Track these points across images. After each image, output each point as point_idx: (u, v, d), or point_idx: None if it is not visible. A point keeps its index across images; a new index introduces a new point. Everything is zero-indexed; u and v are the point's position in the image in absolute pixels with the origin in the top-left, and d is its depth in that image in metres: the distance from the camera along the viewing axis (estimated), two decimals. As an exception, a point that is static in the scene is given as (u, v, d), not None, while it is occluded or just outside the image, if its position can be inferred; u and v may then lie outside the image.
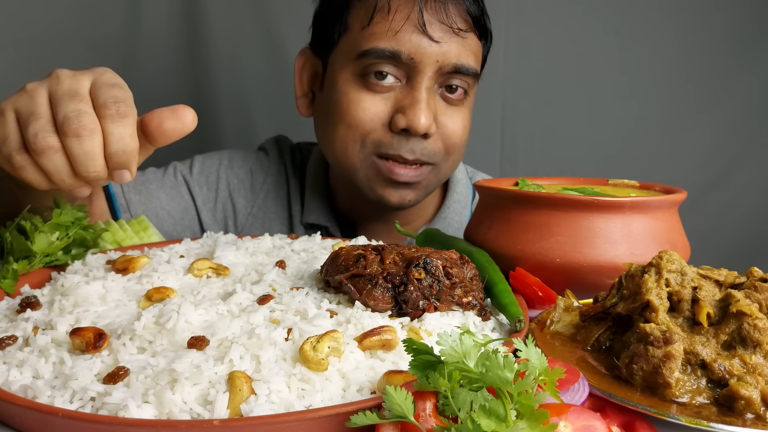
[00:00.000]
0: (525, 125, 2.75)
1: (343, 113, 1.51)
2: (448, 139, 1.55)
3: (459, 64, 1.48)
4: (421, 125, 1.45)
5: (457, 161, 1.66)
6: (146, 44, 2.49)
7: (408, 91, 1.48)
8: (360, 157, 1.54)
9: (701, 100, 2.71)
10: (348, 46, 1.52)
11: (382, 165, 1.53)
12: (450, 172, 1.67)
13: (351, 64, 1.51)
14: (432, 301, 0.93)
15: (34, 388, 0.74)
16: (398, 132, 1.49)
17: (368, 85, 1.49)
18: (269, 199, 1.84)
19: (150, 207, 1.74)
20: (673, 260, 0.88)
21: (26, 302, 0.95)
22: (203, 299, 0.95)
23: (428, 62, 1.46)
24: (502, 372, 0.60)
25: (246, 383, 0.71)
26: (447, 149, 1.57)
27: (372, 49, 1.46)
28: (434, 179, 1.61)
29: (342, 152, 1.56)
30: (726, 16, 2.65)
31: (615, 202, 1.09)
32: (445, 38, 1.46)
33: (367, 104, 1.49)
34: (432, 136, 1.52)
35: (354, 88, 1.51)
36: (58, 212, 1.16)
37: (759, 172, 2.74)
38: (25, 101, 0.92)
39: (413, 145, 1.50)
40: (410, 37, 1.44)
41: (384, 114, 1.50)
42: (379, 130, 1.50)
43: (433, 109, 1.50)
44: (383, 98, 1.50)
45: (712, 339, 0.80)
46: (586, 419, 0.62)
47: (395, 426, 0.62)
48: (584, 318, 0.95)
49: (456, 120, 1.55)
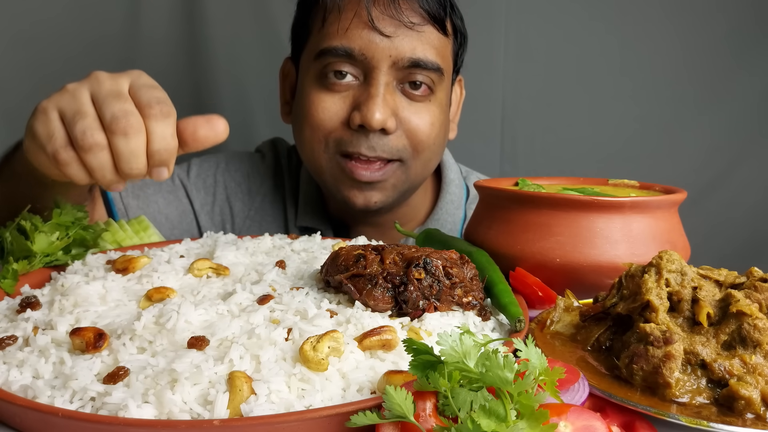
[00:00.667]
0: (525, 125, 2.75)
1: (306, 115, 1.54)
2: (413, 136, 1.54)
3: (415, 58, 1.48)
4: (375, 120, 1.45)
5: (431, 161, 1.63)
6: (145, 45, 2.49)
7: (365, 87, 1.49)
8: (326, 158, 1.55)
9: (701, 100, 2.71)
10: (309, 49, 1.55)
11: (345, 165, 1.53)
12: (424, 172, 1.64)
13: (312, 66, 1.53)
14: (432, 301, 0.93)
15: (34, 388, 0.74)
16: (356, 129, 1.49)
17: (328, 86, 1.51)
18: (266, 202, 1.84)
19: (148, 211, 1.74)
20: (673, 260, 0.88)
21: (26, 302, 0.95)
22: (203, 299, 0.95)
23: (381, 57, 1.46)
24: (502, 372, 0.60)
25: (246, 383, 0.71)
26: (414, 146, 1.55)
27: (326, 48, 1.48)
28: (403, 178, 1.59)
29: (309, 154, 1.58)
30: (726, 16, 2.65)
31: (615, 202, 1.09)
32: (397, 33, 1.46)
33: (327, 104, 1.51)
34: (394, 133, 1.51)
35: (315, 89, 1.53)
36: (58, 212, 1.16)
37: (759, 172, 2.74)
38: (68, 100, 0.94)
39: (373, 141, 1.50)
40: (360, 33, 1.45)
41: (343, 112, 1.51)
42: (339, 128, 1.51)
43: (392, 105, 1.49)
44: (342, 97, 1.51)
45: (712, 339, 0.80)
46: (586, 419, 0.62)
47: (395, 426, 0.62)
48: (584, 318, 0.95)
49: (422, 116, 1.53)
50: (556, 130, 2.75)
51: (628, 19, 2.67)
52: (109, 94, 0.94)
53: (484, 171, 1.98)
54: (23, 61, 2.32)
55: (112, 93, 0.94)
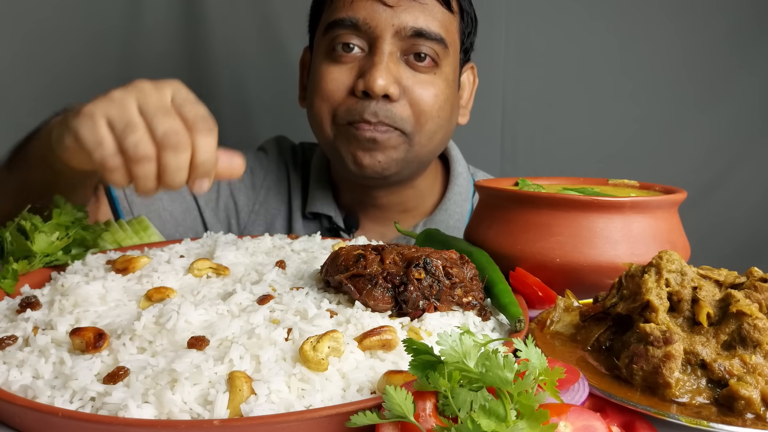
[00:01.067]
0: (525, 125, 2.75)
1: (316, 88, 1.59)
2: (416, 105, 1.56)
3: (417, 28, 1.52)
4: (377, 85, 1.48)
5: (437, 134, 1.64)
6: (145, 44, 2.48)
7: (369, 57, 1.54)
8: (335, 129, 1.59)
9: (701, 100, 2.71)
10: (320, 26, 1.61)
11: (351, 131, 1.57)
12: (429, 145, 1.65)
13: (322, 42, 1.59)
14: (432, 301, 0.93)
15: (34, 388, 0.74)
16: (361, 97, 1.53)
17: (336, 58, 1.56)
18: (270, 195, 1.86)
19: (152, 209, 1.74)
20: (673, 260, 0.88)
21: (26, 302, 0.95)
22: (203, 299, 0.95)
23: (384, 26, 1.51)
24: (502, 372, 0.60)
25: (246, 383, 0.71)
26: (417, 116, 1.57)
27: (334, 20, 1.54)
28: (406, 147, 1.60)
29: (320, 127, 1.61)
30: (726, 16, 2.64)
31: (615, 202, 1.09)
32: (401, 3, 1.51)
33: (334, 74, 1.56)
34: (398, 101, 1.54)
35: (324, 63, 1.58)
36: (58, 212, 1.16)
37: (759, 171, 2.74)
38: (117, 110, 0.97)
39: (376, 107, 1.52)
40: (365, 5, 1.51)
41: (349, 81, 1.55)
42: (346, 98, 1.56)
43: (395, 73, 1.53)
44: (348, 68, 1.56)
45: (712, 339, 0.80)
46: (586, 419, 0.62)
47: (395, 426, 0.62)
48: (584, 318, 0.95)
49: (426, 87, 1.56)
50: (557, 129, 2.75)
51: (628, 18, 2.67)
52: (157, 108, 0.97)
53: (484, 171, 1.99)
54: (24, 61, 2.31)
55: (160, 107, 0.97)
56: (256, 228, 1.82)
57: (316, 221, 1.81)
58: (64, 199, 1.19)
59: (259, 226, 1.83)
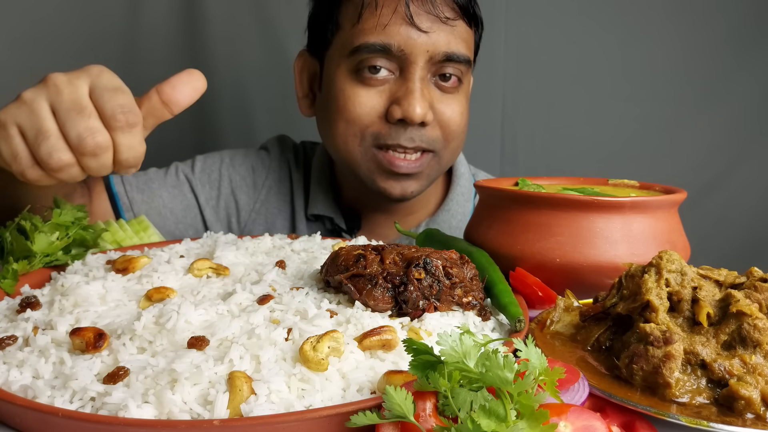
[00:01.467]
0: (525, 125, 2.76)
1: (341, 109, 1.55)
2: (446, 126, 1.58)
3: (450, 52, 1.51)
4: (416, 114, 1.48)
5: (458, 149, 1.68)
6: (145, 44, 2.49)
7: (402, 82, 1.52)
8: (360, 151, 1.57)
9: (701, 100, 2.71)
10: (341, 44, 1.56)
11: (382, 157, 1.56)
12: (452, 159, 1.69)
13: (345, 61, 1.54)
14: (432, 301, 0.93)
15: (34, 388, 0.74)
16: (395, 123, 1.52)
17: (363, 80, 1.53)
18: (271, 194, 1.86)
19: (153, 206, 1.75)
20: (673, 260, 0.88)
21: (26, 302, 0.95)
22: (203, 299, 0.95)
23: (419, 52, 1.49)
24: (502, 372, 0.60)
25: (246, 383, 0.71)
26: (446, 136, 1.59)
27: (363, 44, 1.49)
28: (436, 167, 1.63)
29: (343, 147, 1.59)
30: (726, 16, 2.65)
31: (615, 202, 1.09)
32: (433, 28, 1.49)
33: (363, 98, 1.53)
34: (430, 124, 1.55)
35: (350, 84, 1.54)
36: (58, 212, 1.16)
37: (759, 172, 2.74)
38: (26, 116, 0.92)
39: (411, 133, 1.53)
40: (399, 30, 1.48)
41: (380, 106, 1.53)
42: (377, 122, 1.54)
43: (428, 98, 1.53)
44: (378, 91, 1.53)
45: (712, 339, 0.80)
46: (586, 419, 0.62)
47: (395, 426, 0.62)
48: (584, 318, 0.95)
49: (453, 107, 1.58)
50: (556, 129, 2.76)
51: (628, 19, 2.67)
52: (70, 107, 0.91)
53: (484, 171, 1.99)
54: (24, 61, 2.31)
55: (74, 106, 0.91)
56: (257, 227, 1.82)
57: (318, 222, 1.81)
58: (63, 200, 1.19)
59: (259, 226, 1.83)
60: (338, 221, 1.78)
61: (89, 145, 0.90)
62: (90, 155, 0.91)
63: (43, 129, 0.91)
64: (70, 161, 0.92)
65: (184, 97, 0.99)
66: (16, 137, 0.92)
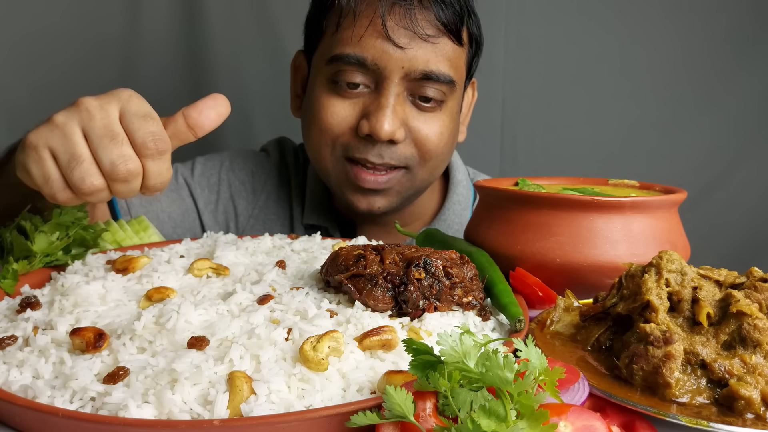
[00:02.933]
0: (525, 125, 2.75)
1: (315, 117, 1.53)
2: (422, 145, 1.53)
3: (428, 71, 1.46)
4: (383, 131, 1.44)
5: (437, 168, 1.63)
6: (146, 46, 2.49)
7: (375, 97, 1.48)
8: (332, 161, 1.56)
9: (701, 101, 2.71)
10: (322, 51, 1.54)
11: (350, 170, 1.54)
12: (430, 178, 1.64)
13: (324, 69, 1.52)
14: (432, 301, 0.93)
15: (34, 388, 0.74)
16: (363, 137, 1.49)
17: (339, 91, 1.50)
18: (270, 200, 1.84)
19: (150, 209, 1.74)
20: (673, 260, 0.88)
21: (26, 302, 0.95)
22: (203, 299, 0.95)
23: (393, 68, 1.44)
24: (502, 372, 0.60)
25: (246, 383, 0.71)
26: (422, 155, 1.55)
27: (338, 54, 1.46)
28: (408, 185, 1.59)
29: (317, 155, 1.58)
30: (726, 16, 2.65)
31: (615, 202, 1.09)
32: (411, 44, 1.44)
33: (337, 108, 1.50)
34: (402, 142, 1.51)
35: (326, 93, 1.52)
36: (58, 212, 1.16)
37: (759, 172, 2.74)
38: (59, 140, 0.94)
39: (380, 150, 1.50)
40: (374, 43, 1.43)
41: (352, 118, 1.50)
42: (347, 134, 1.51)
43: (401, 115, 1.48)
44: (352, 103, 1.50)
45: (712, 339, 0.80)
46: (586, 419, 0.63)
47: (395, 426, 0.62)
48: (584, 318, 0.95)
49: (431, 125, 1.52)
50: (556, 130, 2.75)
51: (628, 19, 2.67)
52: (103, 133, 0.93)
53: (484, 171, 1.98)
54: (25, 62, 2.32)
55: (107, 131, 0.94)
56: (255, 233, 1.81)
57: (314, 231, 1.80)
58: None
59: (257, 231, 1.80)
60: (333, 232, 1.77)
61: (121, 172, 0.93)
62: (122, 181, 0.94)
63: (76, 154, 0.93)
64: (102, 186, 0.94)
65: (209, 122, 1.02)
66: (49, 160, 0.94)
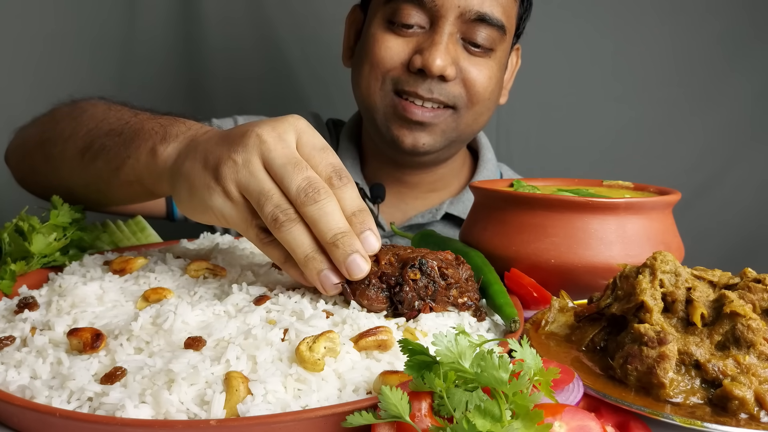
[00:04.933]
0: (519, 126, 2.76)
1: (368, 53, 1.59)
2: (471, 86, 1.58)
3: (482, 12, 1.52)
4: (435, 65, 1.49)
5: (482, 115, 1.67)
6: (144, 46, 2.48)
7: (429, 35, 1.53)
8: (380, 95, 1.60)
9: (694, 102, 2.72)
10: None
11: (398, 102, 1.58)
12: (473, 125, 1.68)
13: (381, 10, 1.58)
14: (427, 302, 0.93)
15: (32, 388, 0.74)
16: (415, 72, 1.53)
17: (394, 29, 1.56)
18: None
19: None
20: (667, 261, 0.88)
21: (24, 303, 0.95)
22: (200, 300, 0.95)
23: (449, 6, 1.50)
24: (498, 372, 0.61)
25: (242, 383, 0.71)
26: (470, 97, 1.59)
27: None
28: (453, 125, 1.62)
29: (366, 91, 1.62)
30: (719, 18, 2.66)
31: (609, 203, 1.10)
32: None
33: (391, 44, 1.56)
34: (452, 81, 1.55)
35: (381, 31, 1.58)
36: (55, 213, 1.16)
37: (752, 173, 2.75)
38: (246, 177, 0.88)
39: (431, 84, 1.54)
40: None
41: (404, 54, 1.56)
42: (399, 68, 1.56)
43: (453, 54, 1.53)
44: (406, 41, 1.56)
45: (706, 339, 0.81)
46: (580, 419, 0.63)
47: (391, 426, 0.62)
48: (579, 318, 0.96)
49: (480, 69, 1.58)
50: (551, 131, 2.76)
51: (622, 21, 2.68)
52: (286, 162, 0.88)
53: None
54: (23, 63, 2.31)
55: (289, 161, 0.88)
56: None
57: None
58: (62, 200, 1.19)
59: None
60: (363, 186, 1.79)
61: (310, 192, 0.87)
62: (311, 202, 0.87)
63: (265, 190, 0.87)
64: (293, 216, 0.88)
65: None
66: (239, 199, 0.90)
